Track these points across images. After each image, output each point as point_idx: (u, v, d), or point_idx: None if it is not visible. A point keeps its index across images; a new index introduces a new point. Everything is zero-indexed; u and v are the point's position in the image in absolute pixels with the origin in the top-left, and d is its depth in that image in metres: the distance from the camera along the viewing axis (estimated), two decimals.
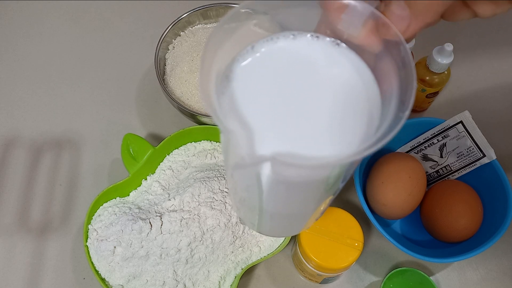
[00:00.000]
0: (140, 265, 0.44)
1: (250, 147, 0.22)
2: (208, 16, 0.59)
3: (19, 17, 0.66)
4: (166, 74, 0.56)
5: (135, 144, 0.50)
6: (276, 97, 0.23)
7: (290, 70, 0.24)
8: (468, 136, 0.48)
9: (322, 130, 0.23)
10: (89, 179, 0.54)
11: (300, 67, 0.24)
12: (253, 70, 0.24)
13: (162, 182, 0.49)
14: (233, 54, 0.24)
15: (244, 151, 0.22)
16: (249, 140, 0.22)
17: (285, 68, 0.24)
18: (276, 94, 0.24)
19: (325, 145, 0.23)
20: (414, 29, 0.24)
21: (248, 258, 0.46)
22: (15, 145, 0.56)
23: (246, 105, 0.23)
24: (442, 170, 0.52)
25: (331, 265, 0.42)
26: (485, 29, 0.67)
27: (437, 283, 0.49)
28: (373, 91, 0.24)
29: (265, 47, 0.25)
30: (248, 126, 0.22)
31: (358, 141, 0.23)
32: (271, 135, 0.22)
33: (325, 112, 0.23)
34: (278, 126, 0.23)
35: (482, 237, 0.46)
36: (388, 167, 0.48)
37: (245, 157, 0.22)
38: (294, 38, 0.25)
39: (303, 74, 0.24)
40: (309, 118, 0.23)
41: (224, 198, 0.45)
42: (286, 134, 0.23)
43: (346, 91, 0.24)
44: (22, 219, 0.52)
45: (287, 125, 0.23)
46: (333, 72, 0.24)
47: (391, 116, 0.22)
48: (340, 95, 0.24)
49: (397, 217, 0.48)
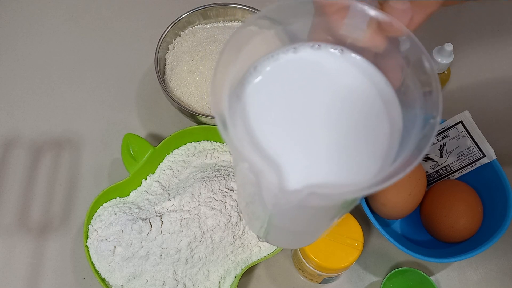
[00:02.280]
0: (140, 265, 0.44)
1: (281, 183, 0.20)
2: (208, 16, 0.59)
3: (19, 17, 0.66)
4: (166, 74, 0.56)
5: (135, 144, 0.50)
6: (290, 120, 0.22)
7: (300, 88, 0.23)
8: (468, 136, 0.48)
9: (348, 152, 0.21)
10: (89, 179, 0.54)
11: (308, 82, 0.23)
12: (261, 91, 0.22)
13: (162, 182, 0.49)
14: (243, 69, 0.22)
15: (275, 188, 0.19)
16: (278, 174, 0.20)
17: (293, 85, 0.23)
18: (290, 116, 0.22)
19: (352, 168, 0.21)
20: (418, 21, 0.23)
21: (248, 258, 0.46)
22: (15, 145, 0.56)
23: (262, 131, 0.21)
24: (442, 170, 0.52)
25: (331, 265, 0.42)
26: (485, 29, 0.67)
27: (437, 283, 0.49)
28: (388, 93, 0.23)
29: (269, 65, 0.23)
30: (272, 157, 0.20)
31: (384, 153, 0.21)
32: (297, 165, 0.21)
33: (346, 130, 0.22)
34: (302, 153, 0.21)
35: (482, 237, 0.46)
36: None
37: (278, 194, 0.20)
38: (295, 51, 0.23)
39: (313, 91, 0.23)
40: (332, 140, 0.21)
41: (224, 198, 0.45)
42: (311, 163, 0.21)
43: (361, 100, 0.22)
44: (22, 219, 0.52)
45: (310, 152, 0.21)
46: (344, 82, 0.23)
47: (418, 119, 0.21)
48: (357, 106, 0.22)
49: (397, 217, 0.48)
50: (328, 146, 0.21)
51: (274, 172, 0.20)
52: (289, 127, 0.21)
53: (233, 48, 0.21)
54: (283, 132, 0.21)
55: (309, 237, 0.32)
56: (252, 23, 0.22)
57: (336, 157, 0.21)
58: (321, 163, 0.21)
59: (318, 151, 0.21)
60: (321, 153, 0.21)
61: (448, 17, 0.68)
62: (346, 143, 0.21)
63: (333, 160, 0.21)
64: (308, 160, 0.21)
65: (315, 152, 0.21)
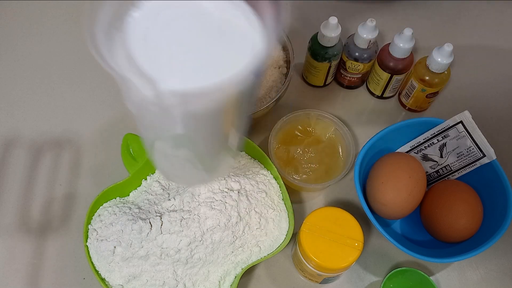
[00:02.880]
0: (140, 265, 0.44)
1: (158, 89, 0.24)
2: None
3: (19, 17, 0.66)
4: None
5: (135, 144, 0.50)
6: (166, 43, 0.26)
7: (177, 18, 0.27)
8: (468, 136, 0.48)
9: (216, 60, 0.26)
10: (89, 179, 0.54)
11: (185, 13, 0.28)
12: (140, 23, 0.27)
13: (162, 182, 0.49)
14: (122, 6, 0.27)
15: (150, 92, 0.24)
16: (154, 83, 0.24)
17: (172, 16, 0.27)
18: (165, 41, 0.26)
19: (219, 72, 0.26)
20: None
21: (248, 258, 0.46)
22: (15, 145, 0.56)
23: (140, 54, 0.26)
24: (442, 170, 0.52)
25: (331, 265, 0.42)
26: (485, 29, 0.67)
27: (437, 283, 0.49)
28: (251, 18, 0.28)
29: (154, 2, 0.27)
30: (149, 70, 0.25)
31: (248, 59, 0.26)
32: (173, 75, 0.26)
33: (213, 46, 0.27)
34: (176, 66, 0.26)
35: (482, 237, 0.46)
36: (388, 167, 0.48)
37: (157, 99, 0.24)
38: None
39: (189, 20, 0.27)
40: (202, 53, 0.26)
41: (224, 198, 0.45)
42: (185, 73, 0.26)
43: (224, 18, 0.27)
44: (22, 219, 0.52)
45: (184, 64, 0.26)
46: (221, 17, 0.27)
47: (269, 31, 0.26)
48: (219, 24, 0.27)
49: (397, 217, 0.49)
50: (199, 58, 0.26)
51: (151, 81, 0.24)
52: (165, 47, 0.26)
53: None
54: (159, 52, 0.26)
55: (203, 167, 0.35)
56: None
57: (205, 65, 0.26)
58: (194, 72, 0.26)
59: (190, 63, 0.26)
60: (193, 64, 0.26)
61: (448, 17, 0.68)
62: (214, 53, 0.27)
63: (203, 68, 0.26)
64: (182, 71, 0.26)
65: (188, 64, 0.26)
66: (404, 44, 0.52)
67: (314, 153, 0.53)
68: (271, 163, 0.50)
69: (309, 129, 0.55)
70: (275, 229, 0.47)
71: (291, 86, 0.61)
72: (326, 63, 0.56)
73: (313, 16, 0.67)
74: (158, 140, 0.32)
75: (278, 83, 0.56)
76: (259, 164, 0.51)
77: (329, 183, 0.51)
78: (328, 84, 0.61)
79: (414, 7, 0.69)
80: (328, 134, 0.54)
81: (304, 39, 0.65)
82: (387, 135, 0.50)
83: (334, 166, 0.53)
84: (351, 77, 0.59)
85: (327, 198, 0.54)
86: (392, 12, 0.68)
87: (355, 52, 0.55)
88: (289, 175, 0.51)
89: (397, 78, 0.56)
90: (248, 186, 0.47)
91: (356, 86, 0.61)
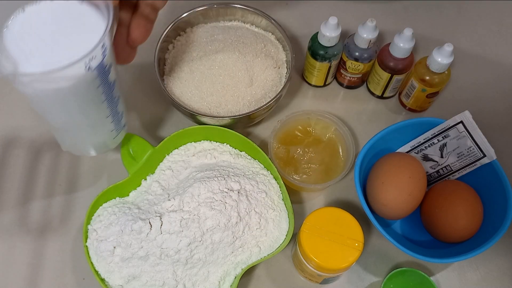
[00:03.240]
0: (140, 265, 0.44)
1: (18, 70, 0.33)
2: (208, 16, 0.59)
3: None
4: (166, 74, 0.56)
5: (135, 144, 0.50)
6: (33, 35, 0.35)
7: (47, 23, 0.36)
8: (468, 136, 0.48)
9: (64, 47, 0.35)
10: (89, 179, 0.54)
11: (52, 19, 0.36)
12: (22, 27, 0.36)
13: (162, 182, 0.49)
14: None
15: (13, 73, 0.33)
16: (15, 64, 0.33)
17: (40, 15, 0.36)
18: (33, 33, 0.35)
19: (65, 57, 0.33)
20: None
21: (248, 259, 0.46)
22: (15, 145, 0.56)
23: (11, 43, 0.35)
24: (442, 170, 0.52)
25: (331, 265, 0.42)
26: (485, 29, 0.67)
27: (437, 284, 0.49)
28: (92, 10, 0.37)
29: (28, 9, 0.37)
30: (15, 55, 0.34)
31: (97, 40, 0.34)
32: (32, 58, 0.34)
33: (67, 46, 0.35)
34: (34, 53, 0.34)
35: (482, 237, 0.46)
36: (389, 167, 0.48)
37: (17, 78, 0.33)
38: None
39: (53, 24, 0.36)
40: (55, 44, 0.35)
41: (224, 198, 0.45)
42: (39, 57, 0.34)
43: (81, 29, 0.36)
44: (22, 219, 0.52)
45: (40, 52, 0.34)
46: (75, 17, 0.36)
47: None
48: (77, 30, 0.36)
49: (397, 217, 0.48)
50: (53, 46, 0.35)
51: (12, 63, 0.33)
52: (31, 39, 0.35)
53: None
54: (25, 43, 0.35)
55: (83, 135, 0.44)
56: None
57: (56, 52, 0.35)
58: (47, 57, 0.34)
59: (46, 51, 0.35)
60: (48, 51, 0.35)
61: (448, 17, 0.68)
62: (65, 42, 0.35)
63: (54, 54, 0.34)
64: (39, 57, 0.34)
65: (44, 51, 0.35)
66: (404, 44, 0.52)
67: (314, 153, 0.53)
68: (271, 163, 0.50)
69: (309, 129, 0.55)
70: (275, 230, 0.47)
71: (291, 86, 0.61)
72: (326, 63, 0.56)
73: (313, 16, 0.67)
74: (44, 113, 0.40)
75: (278, 83, 0.56)
76: (259, 164, 0.51)
77: (329, 183, 0.51)
78: (328, 84, 0.61)
79: (414, 7, 0.69)
80: (328, 134, 0.54)
81: (304, 39, 0.65)
82: (387, 135, 0.50)
83: (334, 166, 0.53)
84: (351, 77, 0.59)
85: (327, 198, 0.54)
86: (392, 12, 0.68)
87: (355, 52, 0.55)
88: (289, 175, 0.51)
89: (397, 78, 0.56)
90: (248, 186, 0.47)
91: (356, 86, 0.61)
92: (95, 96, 0.38)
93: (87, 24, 0.36)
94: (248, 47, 0.56)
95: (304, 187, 0.52)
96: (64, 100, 0.36)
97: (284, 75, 0.57)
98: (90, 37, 0.35)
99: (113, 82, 0.41)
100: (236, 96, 0.54)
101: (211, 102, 0.54)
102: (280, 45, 0.58)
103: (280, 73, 0.57)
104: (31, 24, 0.36)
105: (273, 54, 0.57)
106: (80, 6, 0.37)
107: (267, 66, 0.55)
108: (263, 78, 0.55)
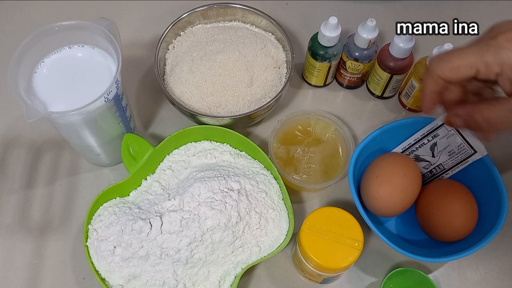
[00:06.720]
0: (140, 265, 0.44)
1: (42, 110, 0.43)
2: (208, 16, 0.59)
3: (19, 17, 0.66)
4: (166, 74, 0.56)
5: (135, 144, 0.50)
6: (61, 83, 0.45)
7: (68, 67, 0.46)
8: (457, 133, 0.48)
9: (83, 95, 0.43)
10: (89, 179, 0.54)
11: (72, 63, 0.46)
12: (48, 71, 0.45)
13: (162, 182, 0.49)
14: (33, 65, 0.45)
15: (43, 111, 0.41)
16: (41, 106, 0.43)
17: (63, 69, 0.46)
18: (56, 80, 0.45)
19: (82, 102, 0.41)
20: None
21: (248, 258, 0.46)
22: (15, 145, 0.56)
23: (45, 92, 0.44)
24: (435, 169, 0.51)
25: (331, 265, 0.42)
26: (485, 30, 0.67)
27: (437, 283, 0.49)
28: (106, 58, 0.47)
29: (52, 57, 0.46)
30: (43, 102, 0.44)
31: (103, 90, 0.42)
32: (56, 102, 0.44)
33: (85, 84, 0.45)
34: (60, 98, 0.44)
35: (478, 235, 0.46)
36: (384, 164, 0.48)
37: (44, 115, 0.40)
38: (70, 48, 0.47)
39: (73, 67, 0.46)
40: (73, 88, 0.45)
41: (224, 198, 0.45)
42: (61, 100, 0.44)
43: (95, 69, 0.46)
44: (22, 219, 0.52)
45: (64, 97, 0.44)
46: (90, 60, 0.46)
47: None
48: (90, 69, 0.46)
49: (390, 214, 0.48)
50: (72, 91, 0.45)
51: (44, 105, 0.44)
52: (54, 85, 0.45)
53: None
54: (50, 88, 0.45)
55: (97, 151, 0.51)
56: None
57: (74, 95, 0.44)
58: (67, 100, 0.44)
59: (66, 94, 0.44)
60: (68, 95, 0.44)
61: (448, 17, 0.68)
62: (83, 87, 0.45)
63: (72, 97, 0.44)
64: (61, 100, 0.44)
65: (64, 95, 0.44)
66: (404, 44, 0.52)
67: (314, 153, 0.53)
68: (271, 163, 0.50)
69: (309, 129, 0.55)
70: (275, 229, 0.47)
71: (291, 86, 0.61)
72: (326, 63, 0.56)
73: (313, 16, 0.67)
74: (71, 137, 0.49)
75: (278, 83, 0.56)
76: (259, 164, 0.51)
77: (329, 183, 0.51)
78: (328, 84, 0.61)
79: (414, 7, 0.69)
80: (328, 134, 0.54)
81: (304, 39, 0.65)
82: (381, 135, 0.50)
83: (334, 166, 0.53)
84: (351, 77, 0.59)
85: (327, 198, 0.54)
86: (392, 12, 0.68)
87: (355, 52, 0.55)
88: (289, 175, 0.51)
89: (397, 78, 0.56)
90: (248, 186, 0.47)
91: (356, 86, 0.61)
92: (113, 119, 0.47)
93: (101, 65, 0.46)
94: (248, 47, 0.56)
95: (304, 187, 0.53)
96: (89, 125, 0.45)
97: (284, 75, 0.57)
98: (105, 74, 0.45)
99: (125, 106, 0.49)
100: (236, 96, 0.54)
101: (211, 102, 0.54)
102: (280, 45, 0.58)
103: (280, 73, 0.57)
104: (52, 71, 0.45)
105: (273, 54, 0.57)
106: (93, 51, 0.47)
107: (267, 66, 0.55)
108: (263, 78, 0.55)
